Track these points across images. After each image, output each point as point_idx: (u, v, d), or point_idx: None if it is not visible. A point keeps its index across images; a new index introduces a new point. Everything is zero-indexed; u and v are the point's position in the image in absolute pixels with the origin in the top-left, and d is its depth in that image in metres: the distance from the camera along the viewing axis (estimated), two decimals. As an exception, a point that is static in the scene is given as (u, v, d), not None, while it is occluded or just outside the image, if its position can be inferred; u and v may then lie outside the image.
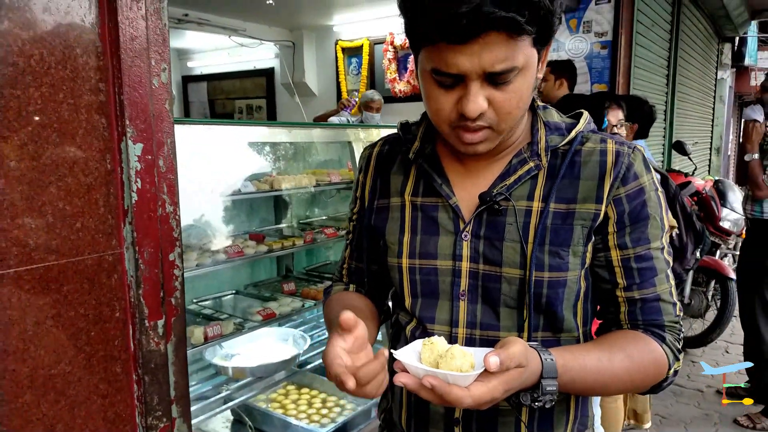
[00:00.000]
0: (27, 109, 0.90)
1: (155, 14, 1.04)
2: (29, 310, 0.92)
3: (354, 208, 1.05)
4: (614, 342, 0.85)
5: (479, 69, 0.73)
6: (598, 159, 0.86)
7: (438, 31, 0.71)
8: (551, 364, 0.74)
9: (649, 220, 0.86)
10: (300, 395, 2.40)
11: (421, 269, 0.91)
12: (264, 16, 4.91)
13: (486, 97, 0.76)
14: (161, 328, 1.09)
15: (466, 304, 0.89)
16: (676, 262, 2.43)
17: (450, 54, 0.73)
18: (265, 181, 2.17)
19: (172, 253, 1.10)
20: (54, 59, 0.92)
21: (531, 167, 0.87)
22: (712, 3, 6.08)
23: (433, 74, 0.77)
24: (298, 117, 5.31)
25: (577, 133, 0.89)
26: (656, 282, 0.86)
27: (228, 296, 2.39)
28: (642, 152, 0.89)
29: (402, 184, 0.96)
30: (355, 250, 1.06)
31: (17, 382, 0.92)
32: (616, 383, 0.82)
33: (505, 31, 0.71)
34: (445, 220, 0.90)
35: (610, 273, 0.88)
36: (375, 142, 1.04)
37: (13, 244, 0.90)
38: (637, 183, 0.85)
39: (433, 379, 0.67)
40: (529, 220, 0.85)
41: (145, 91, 1.03)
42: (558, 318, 0.87)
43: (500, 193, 0.86)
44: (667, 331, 0.87)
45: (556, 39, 4.05)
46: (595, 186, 0.85)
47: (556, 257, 0.84)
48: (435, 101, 0.80)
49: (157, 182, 1.06)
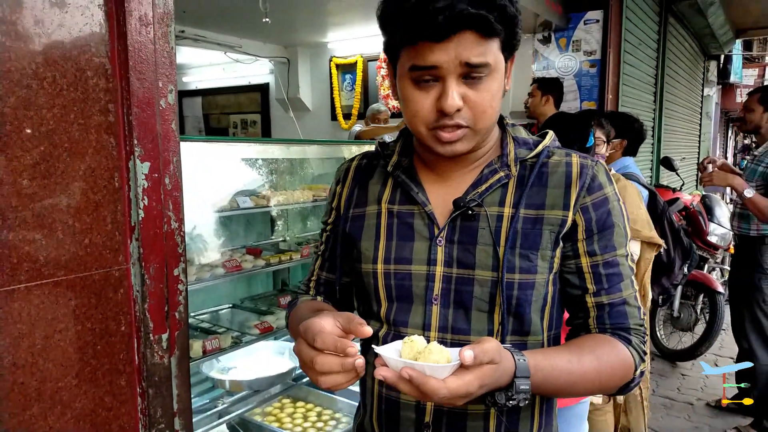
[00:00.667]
0: (40, 130, 0.93)
1: (163, 38, 1.08)
2: (38, 324, 0.95)
3: (328, 219, 1.08)
4: (583, 344, 0.90)
5: (456, 62, 0.80)
6: (564, 170, 0.93)
7: (417, 28, 0.79)
8: (524, 364, 0.77)
9: (614, 228, 0.92)
10: (296, 408, 2.41)
11: (396, 274, 0.95)
12: (259, 33, 4.98)
13: (461, 95, 0.83)
14: (165, 341, 1.12)
15: (438, 308, 0.92)
16: (663, 278, 2.48)
17: (428, 51, 0.80)
18: (263, 197, 2.21)
19: (177, 269, 1.13)
20: (66, 81, 0.96)
21: (501, 176, 0.93)
22: (698, 22, 6.22)
23: (411, 72, 0.84)
24: (293, 132, 5.36)
25: (544, 147, 0.95)
26: (622, 287, 0.93)
27: (225, 310, 2.41)
28: (604, 165, 0.96)
29: (379, 192, 1.00)
30: (327, 260, 1.08)
31: (26, 395, 0.94)
32: (586, 383, 0.86)
33: (477, 31, 0.79)
34: (420, 227, 0.94)
35: (580, 279, 0.93)
36: (354, 156, 1.09)
37: (24, 259, 0.92)
38: (602, 193, 0.92)
39: (411, 371, 0.70)
40: (500, 225, 0.91)
41: (153, 111, 1.07)
42: (526, 320, 0.92)
43: (473, 199, 0.91)
44: (633, 334, 0.92)
45: (546, 57, 4.14)
46: (562, 194, 0.91)
47: (525, 260, 0.90)
48: (413, 103, 0.86)
49: (163, 199, 1.09)
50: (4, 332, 0.90)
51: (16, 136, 0.90)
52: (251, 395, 2.15)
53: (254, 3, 3.83)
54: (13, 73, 0.89)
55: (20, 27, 0.89)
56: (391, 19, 0.84)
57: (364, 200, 1.01)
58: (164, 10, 1.07)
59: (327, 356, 0.74)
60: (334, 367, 0.74)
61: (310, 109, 5.73)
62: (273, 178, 2.56)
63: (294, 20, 4.56)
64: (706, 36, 7.05)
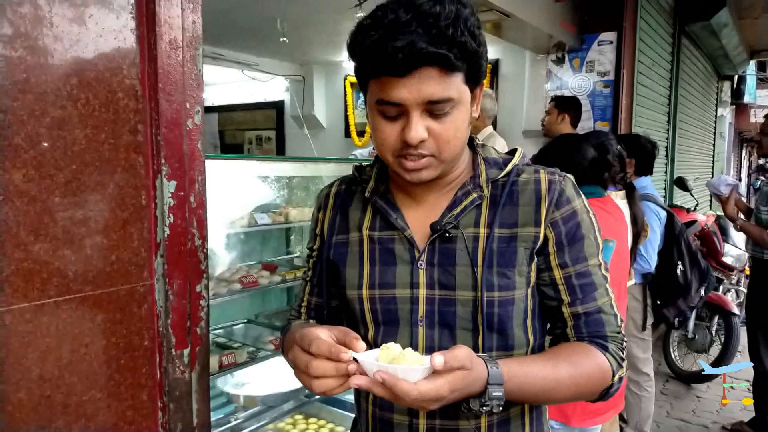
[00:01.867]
0: (72, 149, 0.96)
1: (191, 61, 1.11)
2: (65, 339, 0.97)
3: (313, 245, 1.10)
4: (559, 352, 0.93)
5: (418, 99, 0.83)
6: (533, 187, 0.95)
7: (380, 64, 0.81)
8: (497, 372, 0.80)
9: (584, 240, 0.95)
10: (308, 425, 2.40)
11: (381, 299, 0.97)
12: (276, 51, 5.05)
13: (426, 127, 0.85)
14: (186, 357, 1.14)
15: (424, 329, 0.95)
16: (680, 300, 2.47)
17: (391, 86, 0.83)
18: (280, 213, 2.23)
19: (199, 285, 1.15)
20: (98, 102, 0.99)
21: (474, 197, 0.96)
22: (712, 43, 6.22)
23: (378, 105, 0.86)
24: (307, 148, 5.40)
25: (513, 166, 0.98)
26: (597, 296, 0.95)
27: (239, 325, 2.42)
28: (571, 179, 0.98)
29: (360, 219, 1.03)
30: (316, 286, 1.10)
31: (52, 408, 0.96)
32: (562, 389, 0.88)
33: (438, 66, 0.81)
34: (401, 251, 0.97)
35: (555, 291, 0.96)
36: (332, 182, 1.12)
37: (53, 274, 0.95)
38: (570, 207, 0.95)
39: (383, 374, 0.73)
40: (477, 245, 0.93)
41: (180, 132, 1.10)
42: (509, 336, 0.94)
43: (449, 222, 0.94)
44: (610, 341, 0.95)
45: (559, 77, 4.16)
46: (532, 211, 0.94)
47: (503, 278, 0.92)
48: (381, 132, 0.89)
49: (188, 217, 1.12)
50: (32, 346, 0.93)
51: (50, 154, 0.93)
52: (264, 411, 2.16)
53: (272, 22, 3.91)
54: (48, 94, 0.92)
55: (56, 50, 0.93)
56: (356, 53, 0.87)
57: (346, 227, 1.04)
58: (193, 34, 1.11)
59: (321, 361, 0.78)
60: (328, 371, 0.77)
61: (324, 126, 5.78)
62: (289, 194, 2.59)
63: (310, 39, 4.63)
64: (720, 57, 7.05)
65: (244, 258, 2.35)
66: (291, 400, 2.18)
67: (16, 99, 0.88)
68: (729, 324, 3.94)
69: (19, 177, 0.89)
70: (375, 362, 0.76)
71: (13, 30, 0.87)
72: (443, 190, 0.98)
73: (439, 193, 0.98)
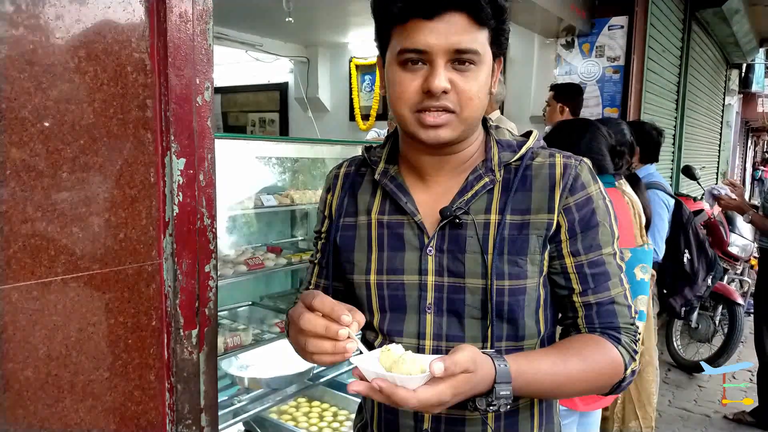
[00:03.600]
0: (80, 124, 0.93)
1: (201, 35, 1.08)
2: (73, 317, 0.95)
3: (321, 227, 1.08)
4: (569, 346, 0.89)
5: (445, 45, 0.81)
6: (548, 172, 0.92)
7: (408, 5, 0.80)
8: (504, 370, 0.77)
9: (599, 227, 0.91)
10: (311, 408, 2.41)
11: (388, 284, 0.95)
12: (281, 32, 4.99)
13: (449, 79, 0.83)
14: (195, 337, 1.12)
15: (432, 316, 0.93)
16: (687, 289, 2.45)
17: (418, 30, 0.81)
18: (286, 195, 2.21)
19: (208, 265, 1.13)
20: (107, 76, 0.96)
21: (486, 182, 0.92)
22: (722, 30, 6.14)
23: (400, 55, 0.84)
24: (311, 131, 5.37)
25: (527, 149, 0.94)
26: (610, 286, 0.92)
27: (243, 307, 2.41)
28: (588, 164, 0.94)
29: (369, 203, 1.00)
30: (324, 268, 1.07)
31: (59, 387, 0.94)
32: (572, 385, 0.86)
33: (467, 13, 0.80)
34: (410, 237, 0.94)
35: (566, 279, 0.93)
36: (341, 163, 1.09)
37: (61, 252, 0.93)
38: (585, 192, 0.91)
39: (381, 382, 0.71)
40: (487, 232, 0.90)
41: (190, 107, 1.07)
42: (520, 325, 0.92)
43: (460, 207, 0.91)
44: (623, 333, 0.92)
45: (568, 62, 4.11)
46: (546, 197, 0.90)
47: (514, 266, 0.89)
48: (400, 85, 0.86)
49: (197, 196, 1.09)
50: (40, 324, 0.91)
51: (57, 129, 0.90)
52: (268, 393, 2.16)
53: (278, 2, 3.84)
54: (56, 66, 0.90)
55: (64, 21, 0.90)
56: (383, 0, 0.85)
57: (354, 210, 1.01)
58: (203, 6, 1.08)
59: (318, 318, 0.78)
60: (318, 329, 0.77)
61: (328, 109, 5.73)
62: (295, 176, 2.57)
63: (315, 20, 4.57)
64: (730, 44, 6.96)
65: (249, 240, 2.33)
66: (295, 384, 2.17)
67: (23, 71, 0.85)
68: (733, 314, 3.93)
69: (26, 151, 0.86)
70: (373, 370, 0.74)
71: (20, 1, 0.84)
72: (455, 170, 0.95)
73: (450, 174, 0.95)
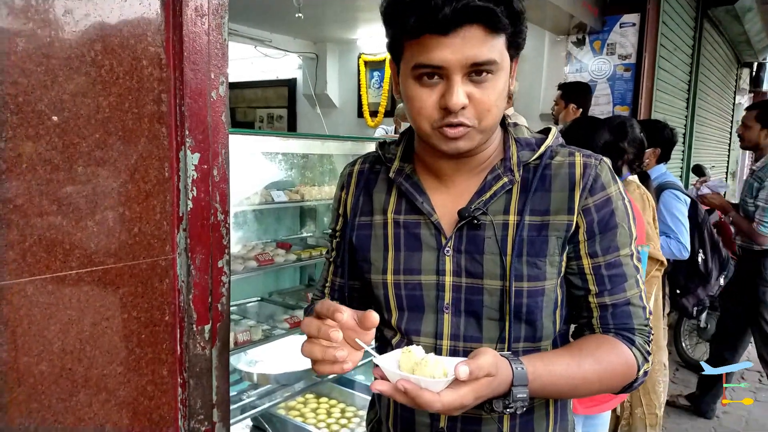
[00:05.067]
0: (96, 117, 0.93)
1: (217, 29, 1.08)
2: (87, 311, 0.95)
3: (336, 225, 1.07)
4: (584, 347, 0.89)
5: (462, 60, 0.78)
6: (567, 171, 0.91)
7: (423, 21, 0.77)
8: (522, 373, 0.77)
9: (617, 228, 0.90)
10: (319, 404, 2.41)
11: (405, 284, 0.94)
12: (290, 28, 4.99)
13: (466, 93, 0.81)
14: (207, 332, 1.12)
15: (450, 316, 0.92)
16: (699, 288, 2.43)
17: (433, 46, 0.78)
18: (296, 191, 2.21)
19: (221, 260, 1.13)
20: (122, 70, 0.96)
21: (505, 182, 0.91)
22: (734, 28, 6.09)
23: (414, 70, 0.82)
24: (319, 127, 5.37)
25: (546, 147, 0.93)
26: (626, 287, 0.91)
27: (253, 303, 2.42)
28: (608, 163, 0.93)
29: (384, 202, 0.99)
30: (339, 266, 1.07)
31: (73, 381, 0.94)
32: (587, 385, 0.86)
33: (483, 25, 0.77)
34: (427, 237, 0.93)
35: (582, 280, 0.92)
36: (355, 160, 1.08)
37: (75, 246, 0.93)
38: (605, 193, 0.90)
39: (405, 383, 0.71)
40: (506, 233, 0.89)
41: (205, 102, 1.07)
42: (538, 326, 0.91)
43: (478, 208, 0.90)
44: (637, 334, 0.91)
45: (579, 60, 4.08)
46: (566, 198, 0.89)
47: (534, 267, 0.89)
48: (417, 100, 0.84)
49: (211, 191, 1.09)
50: (54, 318, 0.91)
51: (73, 122, 0.90)
52: (276, 389, 2.16)
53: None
54: (72, 60, 0.89)
55: (80, 15, 0.89)
56: (395, 13, 0.82)
57: (370, 209, 1.00)
58: (219, 1, 1.07)
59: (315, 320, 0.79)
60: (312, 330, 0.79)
61: (336, 105, 5.73)
62: (303, 172, 2.57)
63: (324, 16, 4.57)
64: (741, 43, 6.90)
65: (259, 235, 2.33)
66: (303, 380, 2.18)
67: (40, 64, 0.85)
68: (742, 314, 3.89)
69: (42, 145, 0.86)
70: (397, 371, 0.74)
71: (36, -9, 0.83)
72: (473, 171, 0.94)
73: (468, 174, 0.94)
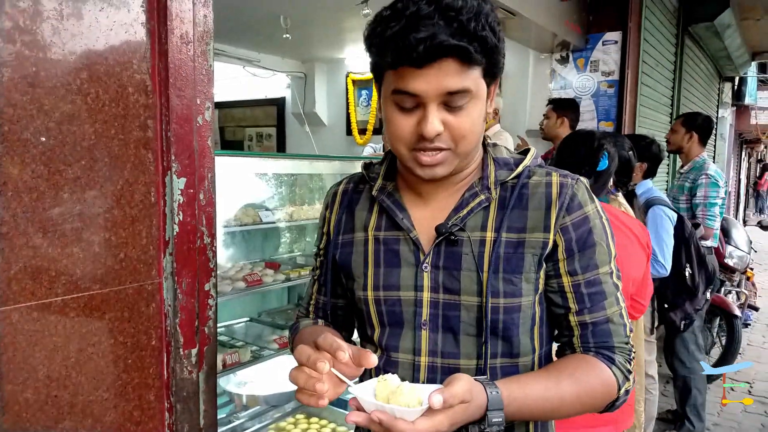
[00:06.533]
0: (81, 144, 0.94)
1: (202, 56, 1.09)
2: (73, 337, 0.95)
3: (320, 244, 1.09)
4: (562, 368, 0.90)
5: (436, 90, 0.81)
6: (544, 191, 0.93)
7: (400, 55, 0.80)
8: (496, 397, 0.79)
9: (596, 246, 0.92)
10: (309, 424, 2.39)
11: (386, 300, 0.96)
12: (278, 48, 5.03)
13: (442, 120, 0.84)
14: (194, 356, 1.12)
15: (427, 332, 0.93)
16: (687, 303, 2.46)
17: (410, 77, 0.81)
18: (284, 211, 2.22)
19: (208, 283, 1.13)
20: (108, 97, 0.97)
21: (482, 199, 0.93)
22: (714, 44, 6.21)
23: (394, 95, 0.85)
24: (308, 145, 5.38)
25: (524, 167, 0.95)
26: (606, 305, 0.93)
27: (241, 323, 2.41)
28: (585, 183, 0.95)
29: (366, 219, 1.01)
30: (323, 285, 1.08)
31: (59, 408, 0.94)
32: (566, 407, 0.87)
33: (458, 59, 0.80)
34: (406, 253, 0.95)
35: (562, 298, 0.94)
36: (341, 180, 1.10)
37: (61, 272, 0.93)
38: (582, 212, 0.92)
39: (380, 414, 0.73)
40: (483, 250, 0.91)
41: (191, 127, 1.08)
42: (515, 343, 0.92)
43: (455, 224, 0.92)
44: (617, 353, 0.92)
45: (563, 77, 4.15)
46: (542, 216, 0.91)
47: (510, 284, 0.90)
48: (395, 125, 0.87)
49: (197, 215, 1.10)
50: (40, 345, 0.91)
51: (59, 149, 0.91)
52: (266, 410, 2.14)
53: (275, 19, 3.88)
54: (58, 88, 0.90)
55: (66, 43, 0.91)
56: (375, 44, 0.85)
57: (352, 227, 1.02)
58: (204, 28, 1.09)
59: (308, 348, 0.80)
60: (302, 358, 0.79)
61: (325, 123, 5.76)
62: (292, 191, 2.57)
63: (312, 36, 4.61)
64: (722, 58, 7.04)
65: (246, 256, 2.33)
66: (293, 400, 2.16)
67: (26, 93, 0.86)
68: (731, 326, 3.94)
69: (27, 172, 0.87)
70: (373, 400, 0.75)
71: (22, 23, 0.85)
72: (453, 188, 0.96)
73: (448, 192, 0.96)
